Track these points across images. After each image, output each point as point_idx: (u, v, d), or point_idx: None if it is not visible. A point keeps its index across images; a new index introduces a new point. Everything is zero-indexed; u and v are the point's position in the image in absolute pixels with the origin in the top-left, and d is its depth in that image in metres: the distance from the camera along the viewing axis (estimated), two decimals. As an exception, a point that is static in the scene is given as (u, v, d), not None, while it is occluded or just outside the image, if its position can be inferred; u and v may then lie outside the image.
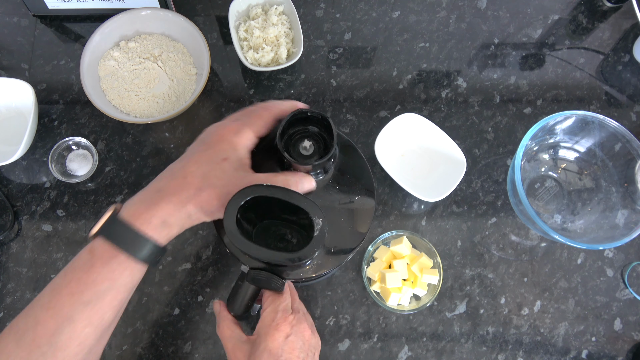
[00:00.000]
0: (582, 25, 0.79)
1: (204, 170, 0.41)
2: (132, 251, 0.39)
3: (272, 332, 0.42)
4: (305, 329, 0.44)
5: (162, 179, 0.42)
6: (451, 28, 0.78)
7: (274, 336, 0.42)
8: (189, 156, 0.43)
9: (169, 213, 0.40)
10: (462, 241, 0.68)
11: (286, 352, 0.42)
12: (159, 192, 0.41)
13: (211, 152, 0.42)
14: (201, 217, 0.42)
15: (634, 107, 0.75)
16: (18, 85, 0.66)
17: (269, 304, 0.45)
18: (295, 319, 0.44)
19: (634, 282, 0.67)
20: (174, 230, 0.41)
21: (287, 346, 0.42)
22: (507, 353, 0.64)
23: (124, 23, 0.69)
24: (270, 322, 0.43)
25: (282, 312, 0.43)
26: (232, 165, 0.41)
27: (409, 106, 0.73)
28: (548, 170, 0.70)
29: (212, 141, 0.42)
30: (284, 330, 0.43)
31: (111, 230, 0.40)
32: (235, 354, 0.44)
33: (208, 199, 0.40)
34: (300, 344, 0.43)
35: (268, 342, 0.42)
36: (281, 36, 0.71)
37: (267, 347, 0.42)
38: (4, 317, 0.62)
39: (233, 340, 0.45)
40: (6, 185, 0.67)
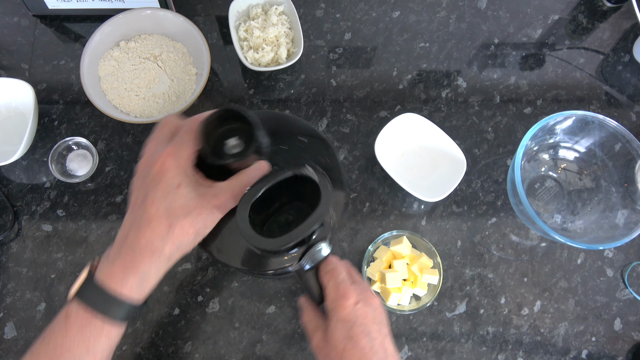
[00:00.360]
0: (582, 25, 0.79)
1: (164, 207, 0.39)
2: (108, 315, 0.39)
3: (340, 302, 0.42)
4: (372, 297, 0.44)
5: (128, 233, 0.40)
6: (451, 28, 0.78)
7: (342, 305, 0.42)
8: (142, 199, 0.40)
9: (147, 267, 0.39)
10: (462, 241, 0.68)
11: (360, 318, 0.42)
12: (131, 247, 0.39)
13: (162, 185, 0.40)
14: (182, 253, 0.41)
15: (634, 107, 0.75)
16: (18, 85, 0.66)
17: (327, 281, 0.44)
18: (359, 288, 0.44)
19: (634, 282, 0.67)
20: (154, 280, 0.41)
21: (359, 312, 0.42)
22: (507, 353, 0.64)
23: (124, 23, 0.69)
24: (335, 295, 0.43)
25: (342, 283, 0.43)
26: (188, 188, 0.40)
27: (409, 106, 0.73)
28: (548, 170, 0.70)
29: (156, 173, 0.40)
30: (352, 298, 0.42)
31: (86, 294, 0.39)
32: (315, 335, 0.44)
33: (182, 232, 0.39)
34: (372, 312, 0.43)
35: (339, 312, 0.42)
36: (281, 36, 0.71)
37: (340, 317, 0.42)
38: (4, 317, 0.62)
39: (312, 323, 0.45)
40: (6, 185, 0.67)
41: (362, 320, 0.41)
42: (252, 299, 0.64)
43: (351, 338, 0.41)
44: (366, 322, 0.42)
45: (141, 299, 0.41)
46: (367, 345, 0.41)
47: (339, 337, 0.41)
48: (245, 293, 0.64)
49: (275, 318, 0.63)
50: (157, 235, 0.39)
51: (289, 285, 0.65)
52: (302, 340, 0.63)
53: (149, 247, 0.39)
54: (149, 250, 0.39)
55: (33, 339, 0.61)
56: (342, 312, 0.42)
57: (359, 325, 0.41)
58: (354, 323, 0.41)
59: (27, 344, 0.61)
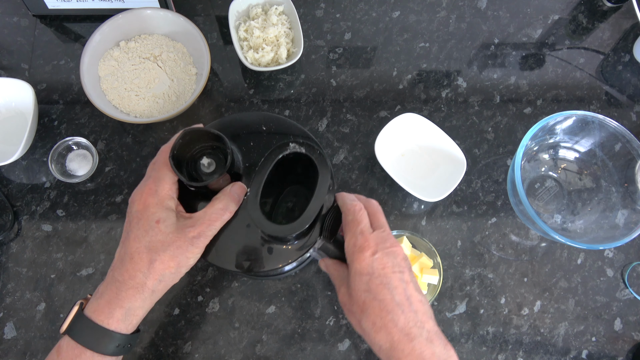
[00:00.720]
0: (582, 25, 0.79)
1: (145, 243, 0.41)
2: (98, 348, 0.40)
3: (357, 255, 0.41)
4: (392, 245, 0.42)
5: (115, 268, 0.42)
6: (451, 28, 0.78)
7: (359, 257, 0.41)
8: (127, 235, 0.43)
9: (131, 301, 0.41)
10: (462, 241, 0.68)
11: (377, 269, 0.41)
12: (116, 282, 0.41)
13: (143, 222, 0.42)
14: (167, 285, 0.42)
15: (634, 107, 0.75)
16: (18, 85, 0.66)
17: (347, 231, 0.43)
18: (379, 237, 0.42)
19: (634, 282, 0.67)
20: (141, 313, 0.42)
21: (377, 263, 0.41)
22: (507, 353, 0.64)
23: (124, 23, 0.69)
24: (352, 247, 0.42)
25: (360, 234, 0.42)
26: (167, 223, 0.42)
27: (409, 106, 0.73)
28: (548, 170, 0.70)
29: (138, 210, 0.42)
30: (369, 249, 0.41)
31: (76, 329, 0.41)
32: (341, 288, 0.44)
33: (163, 266, 0.41)
34: (392, 260, 0.41)
35: (356, 265, 0.41)
36: (281, 36, 0.71)
37: (358, 270, 0.41)
38: (4, 317, 0.62)
39: (338, 278, 0.45)
40: (6, 185, 0.67)
41: (380, 272, 0.40)
42: (252, 299, 0.64)
43: (370, 291, 0.40)
44: (385, 272, 0.40)
45: (130, 330, 0.42)
46: (388, 296, 0.40)
47: (359, 291, 0.41)
48: (245, 293, 0.64)
49: (275, 318, 0.63)
50: (139, 270, 0.41)
51: (289, 285, 0.65)
52: (302, 340, 0.63)
53: (132, 281, 0.41)
54: (132, 284, 0.41)
55: (33, 339, 0.61)
56: (359, 265, 0.41)
57: (377, 276, 0.40)
58: (371, 275, 0.40)
59: (27, 344, 0.61)
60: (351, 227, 0.43)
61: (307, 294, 0.64)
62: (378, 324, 0.39)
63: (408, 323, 0.39)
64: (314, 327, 0.63)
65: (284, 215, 0.47)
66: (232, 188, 0.44)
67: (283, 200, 0.47)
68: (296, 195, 0.48)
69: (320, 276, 0.65)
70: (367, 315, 0.40)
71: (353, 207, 0.44)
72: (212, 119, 0.72)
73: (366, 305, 0.40)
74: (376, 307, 0.39)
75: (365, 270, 0.41)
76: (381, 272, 0.40)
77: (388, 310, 0.39)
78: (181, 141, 0.42)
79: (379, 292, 0.40)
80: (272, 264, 0.45)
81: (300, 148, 0.41)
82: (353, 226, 0.43)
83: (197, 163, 0.45)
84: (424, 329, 0.39)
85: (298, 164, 0.43)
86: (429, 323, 0.40)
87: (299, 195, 0.48)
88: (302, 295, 0.64)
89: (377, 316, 0.39)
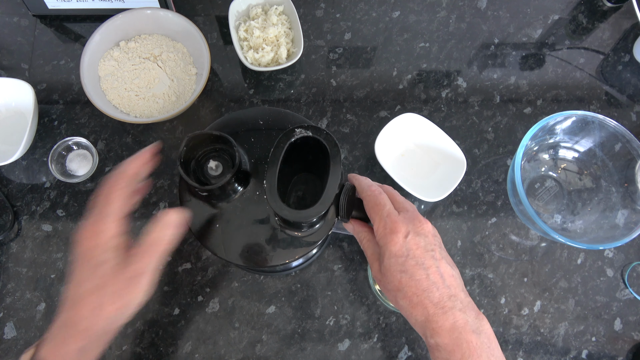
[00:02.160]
0: (582, 25, 0.79)
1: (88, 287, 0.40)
2: None
3: (389, 238, 0.43)
4: (421, 223, 0.44)
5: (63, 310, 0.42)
6: (451, 28, 0.78)
7: (392, 240, 0.42)
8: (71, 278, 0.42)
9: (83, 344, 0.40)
10: (462, 241, 0.68)
11: (412, 250, 0.42)
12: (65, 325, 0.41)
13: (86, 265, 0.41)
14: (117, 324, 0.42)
15: (634, 107, 0.75)
16: (18, 85, 0.66)
17: (373, 216, 0.45)
18: (406, 218, 0.44)
19: (634, 282, 0.67)
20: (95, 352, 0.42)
21: (410, 244, 0.42)
22: (507, 353, 0.64)
23: (124, 23, 0.69)
24: (383, 230, 0.43)
25: (387, 217, 0.43)
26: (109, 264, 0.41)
27: (409, 106, 0.73)
28: (548, 170, 0.70)
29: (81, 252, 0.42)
30: (400, 231, 0.43)
31: None
32: (373, 264, 0.45)
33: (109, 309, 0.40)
34: (423, 240, 0.43)
35: (390, 247, 0.42)
36: (281, 36, 0.71)
37: (392, 253, 0.42)
38: (4, 317, 0.62)
39: (370, 250, 0.46)
40: (6, 185, 0.67)
41: (414, 252, 0.42)
42: (252, 299, 0.64)
43: (406, 272, 0.42)
44: (418, 253, 0.42)
45: None
46: (423, 275, 0.41)
47: (394, 272, 0.42)
48: (245, 293, 0.64)
49: (275, 318, 0.63)
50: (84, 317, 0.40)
51: (289, 285, 0.65)
52: (302, 340, 0.63)
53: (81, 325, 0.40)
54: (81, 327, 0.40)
55: (33, 339, 0.61)
56: (393, 248, 0.42)
57: (412, 257, 0.42)
58: (407, 256, 0.42)
59: (27, 344, 0.61)
60: (377, 211, 0.44)
61: (307, 294, 0.64)
62: (414, 300, 0.41)
63: (442, 298, 0.41)
64: (314, 327, 0.63)
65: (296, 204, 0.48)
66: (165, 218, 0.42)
67: (292, 190, 0.48)
68: (305, 183, 0.48)
69: (320, 276, 0.65)
70: (404, 294, 0.42)
71: (373, 192, 0.45)
72: (212, 119, 0.72)
73: (402, 284, 0.42)
74: (412, 286, 0.41)
75: (400, 252, 0.42)
76: (415, 253, 0.42)
77: (423, 288, 0.41)
78: (186, 148, 0.43)
79: (415, 272, 0.42)
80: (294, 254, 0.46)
81: (307, 132, 0.41)
82: (378, 209, 0.44)
83: (203, 167, 0.45)
84: (457, 300, 0.41)
85: (303, 151, 0.44)
86: (461, 295, 0.42)
87: (308, 183, 0.48)
88: (302, 295, 0.64)
89: (413, 294, 0.41)
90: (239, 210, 0.46)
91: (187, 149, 0.43)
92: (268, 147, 0.44)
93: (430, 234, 0.44)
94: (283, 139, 0.42)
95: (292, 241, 0.46)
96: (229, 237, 0.45)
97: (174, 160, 0.69)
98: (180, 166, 0.42)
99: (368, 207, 0.45)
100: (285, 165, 0.42)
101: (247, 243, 0.45)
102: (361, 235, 0.47)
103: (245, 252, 0.45)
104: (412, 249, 0.42)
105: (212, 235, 0.46)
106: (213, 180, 0.44)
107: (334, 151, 0.42)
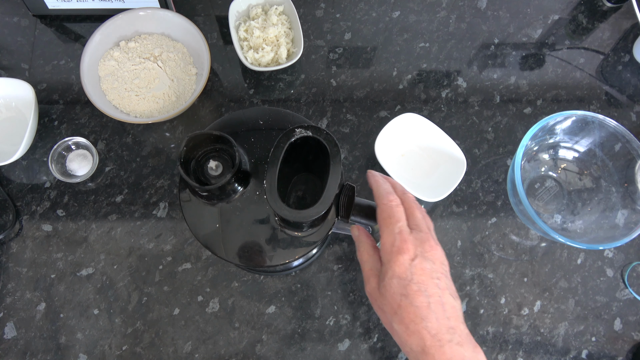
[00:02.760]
0: (582, 25, 0.79)
1: None
2: None
3: (395, 257, 0.40)
4: (432, 248, 0.41)
5: None
6: (451, 28, 0.78)
7: (398, 261, 0.40)
8: None
9: None
10: (462, 241, 0.68)
11: (416, 275, 0.40)
12: None
13: None
14: None
15: (634, 107, 0.75)
16: (18, 85, 0.66)
17: (384, 228, 0.42)
18: (418, 239, 0.41)
19: (634, 282, 0.67)
20: None
21: (415, 269, 0.40)
22: (507, 353, 0.64)
23: (124, 23, 0.69)
24: (390, 247, 0.41)
25: (399, 234, 0.41)
26: None
27: (409, 106, 0.73)
28: (548, 170, 0.70)
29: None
30: (407, 252, 0.40)
31: None
32: (370, 280, 0.43)
33: None
34: (430, 265, 0.40)
35: (394, 268, 0.40)
36: (281, 36, 0.71)
37: (395, 274, 0.40)
38: (4, 317, 0.62)
39: (369, 264, 0.44)
40: (6, 185, 0.67)
41: (418, 278, 0.40)
42: (252, 299, 0.64)
43: (407, 296, 0.40)
44: (423, 278, 0.40)
45: None
46: (424, 302, 0.39)
47: (394, 294, 0.40)
48: (245, 293, 0.64)
49: (275, 318, 0.63)
50: None
51: (289, 285, 0.65)
52: (302, 340, 0.63)
53: None
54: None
55: (33, 339, 0.61)
56: (397, 269, 0.40)
57: (415, 282, 0.40)
58: (410, 280, 0.40)
59: (27, 344, 0.61)
60: (388, 225, 0.42)
61: (307, 294, 0.64)
62: (411, 328, 0.40)
63: (441, 329, 0.39)
64: (314, 327, 0.63)
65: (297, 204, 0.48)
66: None
67: (292, 190, 0.48)
68: (305, 183, 0.48)
69: (320, 276, 0.65)
70: (401, 319, 0.40)
71: (390, 203, 0.43)
72: (212, 119, 0.72)
73: (401, 309, 0.40)
74: (411, 312, 0.39)
75: (404, 275, 0.40)
76: (419, 279, 0.40)
77: (422, 317, 0.39)
78: (186, 148, 0.43)
79: (416, 298, 0.39)
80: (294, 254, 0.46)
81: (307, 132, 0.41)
82: (390, 224, 0.42)
83: (203, 167, 0.45)
84: (455, 334, 0.40)
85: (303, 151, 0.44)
86: (460, 327, 0.40)
87: (308, 183, 0.48)
88: (302, 295, 0.64)
89: (411, 321, 0.39)
90: (239, 210, 0.46)
91: (187, 149, 0.43)
92: (268, 147, 0.44)
93: (438, 261, 0.42)
94: (283, 139, 0.42)
95: (292, 241, 0.46)
96: (229, 237, 0.45)
97: (174, 160, 0.69)
98: (180, 166, 0.42)
99: (380, 216, 0.43)
100: (285, 165, 0.42)
101: (247, 243, 0.45)
102: (363, 247, 0.46)
103: (246, 252, 0.45)
104: (417, 274, 0.40)
105: (212, 235, 0.46)
106: (213, 180, 0.44)
107: (334, 151, 0.42)
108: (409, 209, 0.44)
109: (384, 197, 0.43)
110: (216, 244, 0.45)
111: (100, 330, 0.62)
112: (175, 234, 0.66)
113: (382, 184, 0.45)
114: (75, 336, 0.62)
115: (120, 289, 0.64)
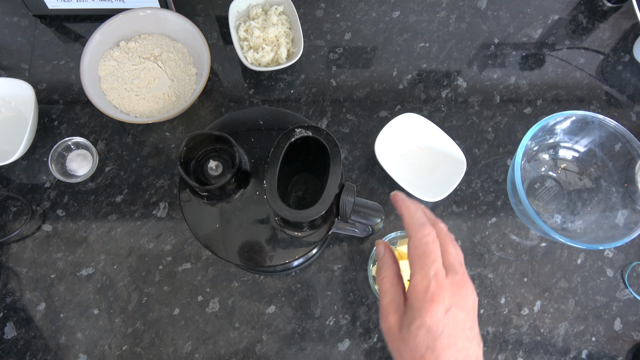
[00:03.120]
0: (582, 25, 0.79)
1: None
2: None
3: (427, 306, 0.35)
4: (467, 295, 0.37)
5: None
6: (451, 28, 0.78)
7: (431, 310, 0.35)
8: None
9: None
10: (462, 241, 0.68)
11: (448, 327, 0.35)
12: None
13: None
14: None
15: (634, 107, 0.75)
16: (18, 85, 0.66)
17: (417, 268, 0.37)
18: (454, 284, 0.37)
19: (634, 282, 0.67)
20: None
21: (449, 320, 0.36)
22: (507, 353, 0.64)
23: (124, 23, 0.69)
24: (423, 292, 0.36)
25: (434, 277, 0.36)
26: None
27: (409, 106, 0.73)
28: (548, 170, 0.70)
29: None
30: (443, 302, 0.36)
31: None
32: (388, 315, 0.38)
33: None
34: (464, 316, 0.36)
35: (425, 317, 0.35)
36: (281, 36, 0.71)
37: (425, 324, 0.35)
38: (4, 317, 0.62)
39: (390, 296, 0.39)
40: (6, 185, 0.67)
41: (450, 331, 0.36)
42: (252, 299, 0.64)
43: (434, 350, 0.35)
44: (455, 332, 0.36)
45: None
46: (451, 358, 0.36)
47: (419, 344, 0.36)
48: (245, 293, 0.64)
49: (275, 318, 0.63)
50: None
51: (289, 285, 0.65)
52: (302, 340, 0.63)
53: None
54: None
55: (33, 339, 0.61)
56: (429, 320, 0.35)
57: (446, 336, 0.36)
58: (440, 334, 0.35)
59: (27, 344, 0.61)
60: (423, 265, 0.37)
61: (307, 294, 0.64)
62: None
63: None
64: (314, 327, 0.63)
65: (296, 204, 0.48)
66: None
67: (292, 190, 0.48)
68: (305, 183, 0.48)
69: (320, 276, 0.65)
70: None
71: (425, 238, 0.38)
72: (212, 119, 0.72)
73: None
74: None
75: (435, 328, 0.36)
76: (451, 332, 0.36)
77: None
78: (186, 148, 0.43)
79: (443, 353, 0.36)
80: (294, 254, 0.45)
81: (307, 132, 0.41)
82: (425, 264, 0.37)
83: (203, 167, 0.45)
84: None
85: (303, 151, 0.44)
86: None
87: (308, 183, 0.48)
88: (302, 295, 0.64)
89: None
90: (239, 210, 0.46)
91: (187, 149, 0.43)
92: (268, 147, 0.44)
93: (472, 308, 0.38)
94: (283, 139, 0.42)
95: (292, 241, 0.46)
96: (229, 237, 0.45)
97: (174, 160, 0.69)
98: (180, 166, 0.42)
99: (414, 252, 0.38)
100: (285, 165, 0.42)
101: (247, 243, 0.45)
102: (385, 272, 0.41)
103: (246, 252, 0.45)
104: (449, 326, 0.36)
105: (212, 235, 0.46)
106: (213, 180, 0.44)
107: (334, 151, 0.42)
108: (443, 243, 0.39)
109: (418, 230, 0.38)
110: (216, 244, 0.45)
111: (100, 330, 0.62)
112: (175, 234, 0.66)
113: (414, 212, 0.40)
114: (75, 336, 0.62)
115: (120, 289, 0.64)
